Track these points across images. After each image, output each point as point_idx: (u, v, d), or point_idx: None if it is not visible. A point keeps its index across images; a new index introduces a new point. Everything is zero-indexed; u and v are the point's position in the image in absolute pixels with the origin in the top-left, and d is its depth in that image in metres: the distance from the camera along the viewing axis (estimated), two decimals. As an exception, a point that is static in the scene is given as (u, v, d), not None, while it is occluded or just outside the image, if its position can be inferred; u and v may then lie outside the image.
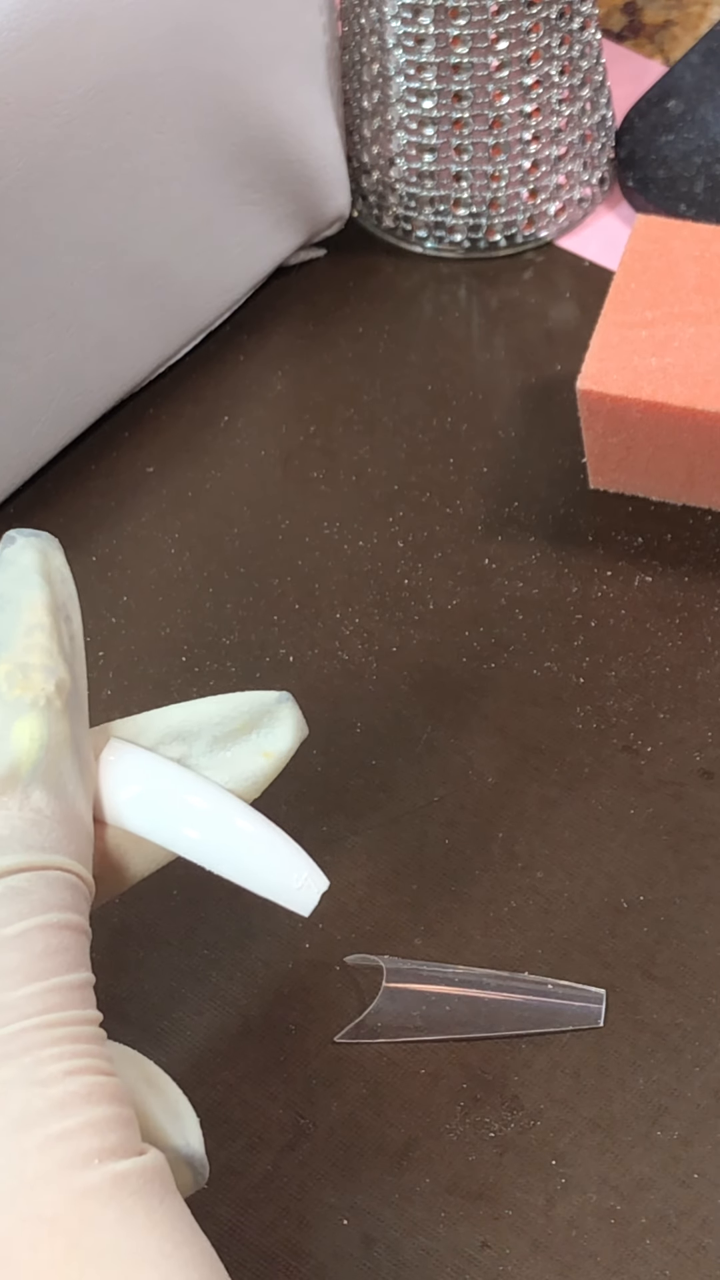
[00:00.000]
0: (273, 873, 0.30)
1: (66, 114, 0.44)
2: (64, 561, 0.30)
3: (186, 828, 0.30)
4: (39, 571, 0.29)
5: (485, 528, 0.49)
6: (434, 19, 0.50)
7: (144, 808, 0.30)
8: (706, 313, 0.47)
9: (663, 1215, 0.37)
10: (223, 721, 0.31)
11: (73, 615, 0.30)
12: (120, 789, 0.30)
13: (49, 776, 0.28)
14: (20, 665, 0.28)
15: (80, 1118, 0.25)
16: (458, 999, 0.40)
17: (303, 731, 0.32)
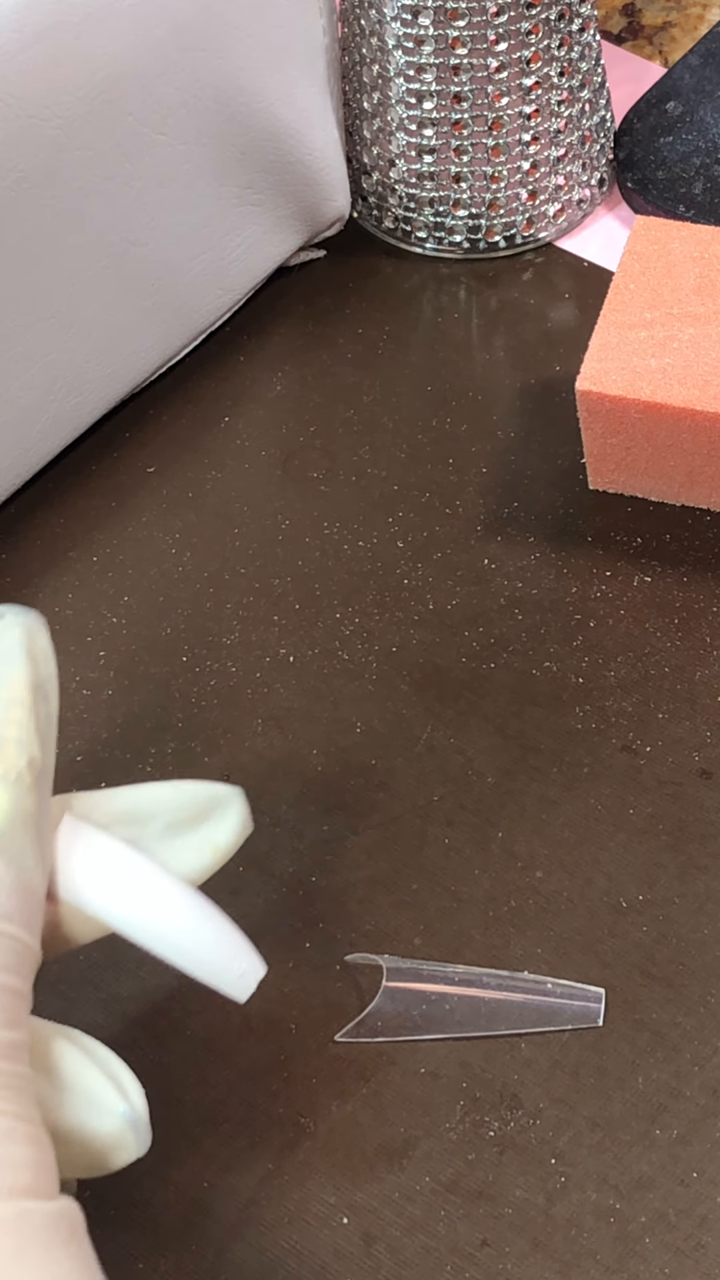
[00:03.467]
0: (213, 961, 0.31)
1: (67, 115, 0.44)
2: (48, 642, 0.31)
3: (132, 910, 0.31)
4: (23, 648, 0.30)
5: (485, 528, 0.49)
6: (434, 20, 0.50)
7: (93, 887, 0.31)
8: (705, 313, 0.47)
9: (662, 1214, 0.37)
10: (176, 809, 0.32)
11: (50, 696, 0.31)
12: (72, 866, 0.31)
13: (9, 848, 0.29)
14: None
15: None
16: (458, 998, 0.40)
17: (247, 828, 0.33)
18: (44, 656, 0.31)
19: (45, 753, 0.30)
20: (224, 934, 0.31)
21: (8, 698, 0.29)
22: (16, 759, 0.29)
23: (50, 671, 0.31)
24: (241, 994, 0.32)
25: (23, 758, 0.29)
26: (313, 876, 0.43)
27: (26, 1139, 0.26)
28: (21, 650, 0.30)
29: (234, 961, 0.31)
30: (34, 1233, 0.25)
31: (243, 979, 0.32)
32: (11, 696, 0.30)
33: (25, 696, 0.30)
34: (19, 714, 0.29)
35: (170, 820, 0.32)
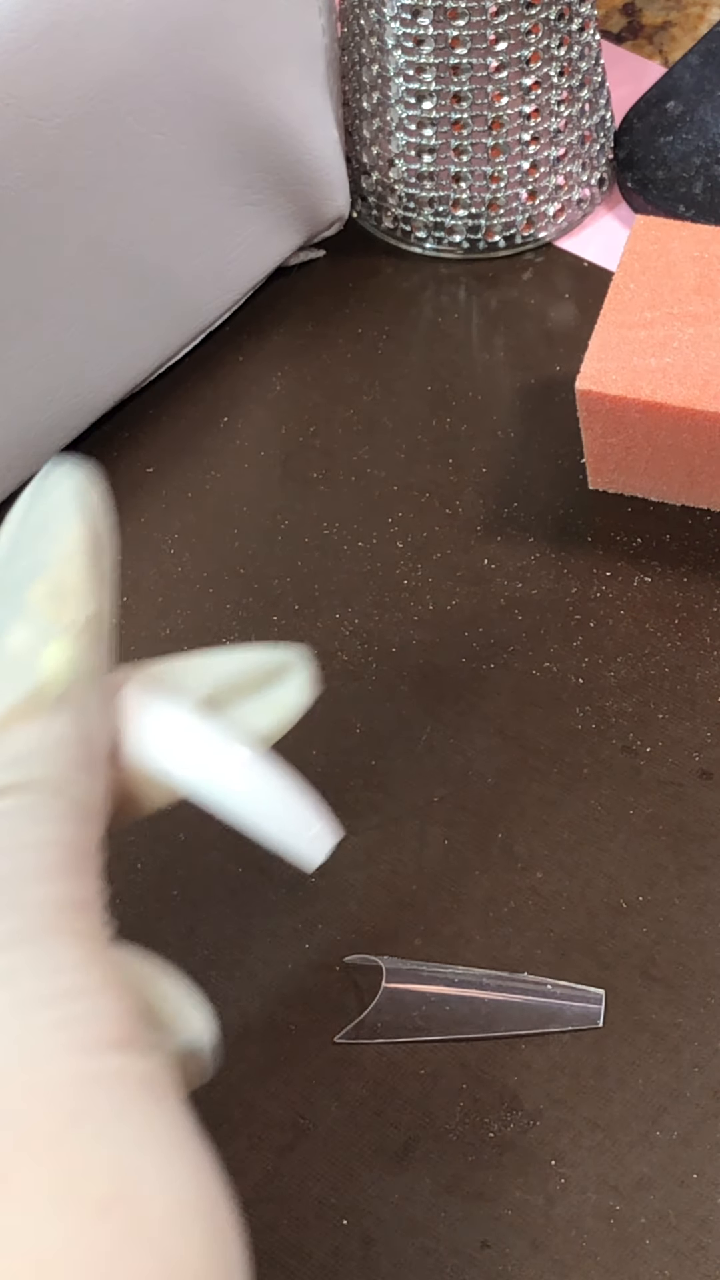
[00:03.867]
0: (283, 821, 0.30)
1: (67, 115, 0.44)
2: (102, 498, 0.30)
3: (202, 773, 0.30)
4: (77, 503, 0.29)
5: (485, 528, 0.49)
6: (433, 20, 0.50)
7: (161, 751, 0.30)
8: (705, 313, 0.47)
9: (662, 1215, 0.37)
10: (240, 673, 0.31)
11: (108, 549, 0.30)
12: (138, 730, 0.30)
13: (73, 702, 0.28)
14: (57, 591, 0.28)
15: (90, 1006, 0.25)
16: (457, 999, 0.40)
17: (315, 690, 0.32)
18: (99, 510, 0.30)
19: (106, 605, 0.29)
20: (297, 795, 0.30)
21: (65, 552, 0.29)
22: (79, 612, 0.28)
23: (107, 525, 0.30)
24: (316, 856, 0.30)
25: (84, 612, 0.28)
26: (312, 877, 0.43)
27: (117, 990, 0.26)
28: (75, 505, 0.29)
29: (309, 823, 0.30)
30: (136, 1086, 0.25)
31: (316, 841, 0.30)
32: (69, 551, 0.29)
33: (83, 551, 0.29)
34: (79, 567, 0.29)
35: (234, 685, 0.31)
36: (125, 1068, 0.25)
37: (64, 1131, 0.24)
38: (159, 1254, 0.23)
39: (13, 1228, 0.23)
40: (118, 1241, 0.23)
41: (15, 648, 0.28)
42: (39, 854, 0.26)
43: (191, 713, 0.30)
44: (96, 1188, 0.23)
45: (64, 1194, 0.23)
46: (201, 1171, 0.25)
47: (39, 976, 0.25)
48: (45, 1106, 0.24)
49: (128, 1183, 0.24)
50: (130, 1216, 0.23)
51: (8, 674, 0.27)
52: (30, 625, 0.28)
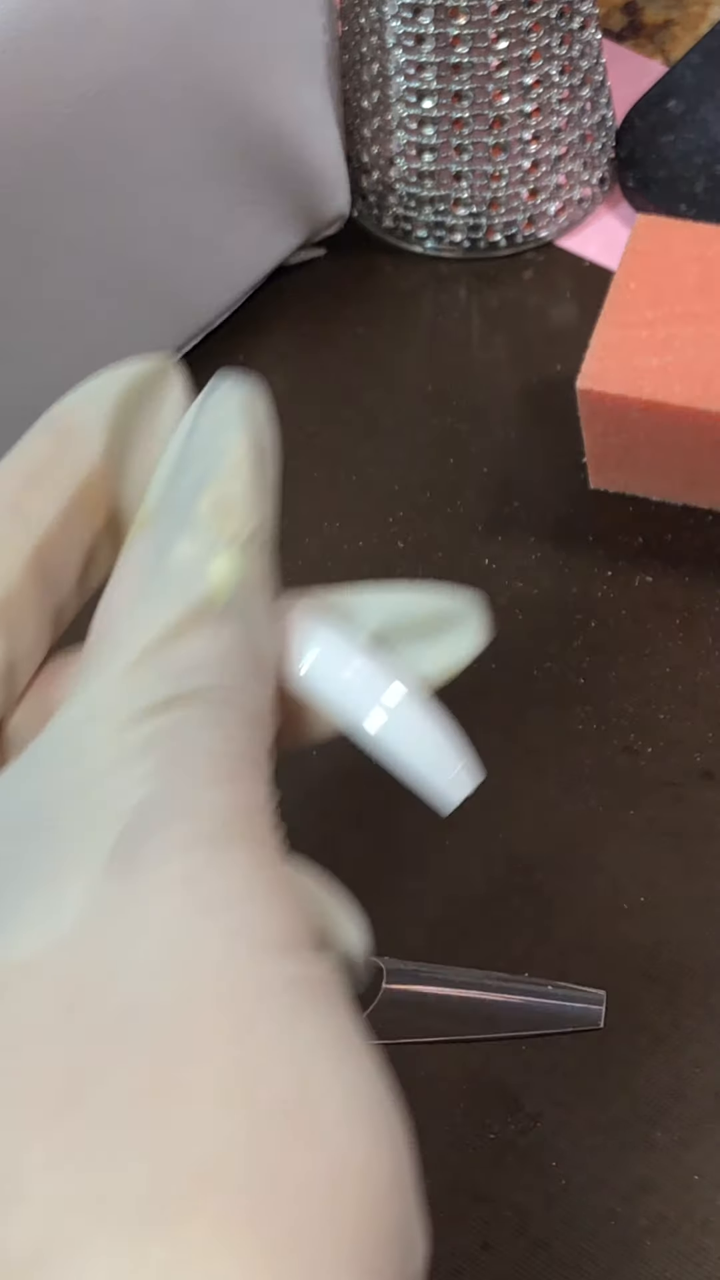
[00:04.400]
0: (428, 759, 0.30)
1: (67, 114, 0.44)
2: (268, 409, 0.30)
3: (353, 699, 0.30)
4: (244, 413, 0.29)
5: (485, 528, 0.49)
6: (434, 18, 0.50)
7: (320, 675, 0.30)
8: (707, 312, 0.47)
9: (663, 1217, 0.37)
10: (413, 613, 0.31)
11: (273, 461, 0.30)
12: (301, 652, 0.30)
13: (242, 613, 0.28)
14: (223, 503, 0.28)
15: (264, 908, 0.25)
16: (458, 1000, 0.40)
17: (488, 636, 0.31)
18: (265, 422, 0.30)
19: (272, 518, 0.29)
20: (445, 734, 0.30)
21: (232, 464, 0.29)
22: (243, 525, 0.28)
23: (272, 436, 0.30)
24: (456, 796, 0.30)
25: (250, 524, 0.28)
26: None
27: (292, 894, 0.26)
28: (243, 414, 0.29)
29: (452, 763, 0.30)
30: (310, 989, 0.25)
31: (456, 781, 0.31)
32: (235, 462, 0.29)
33: (251, 460, 0.29)
34: (247, 477, 0.29)
35: (406, 624, 0.31)
36: (300, 972, 0.25)
37: (238, 1031, 0.24)
38: (329, 1153, 0.23)
39: (183, 1132, 0.23)
40: (289, 1141, 0.23)
41: (182, 560, 0.28)
42: (212, 760, 0.26)
43: (356, 643, 0.30)
44: (269, 1089, 0.23)
45: (235, 1094, 0.23)
46: (372, 1076, 0.25)
47: (218, 879, 0.25)
48: (220, 1007, 0.24)
49: (299, 1084, 0.24)
50: (301, 1117, 0.23)
51: (176, 586, 0.27)
52: (197, 537, 0.28)
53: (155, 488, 0.29)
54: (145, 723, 0.26)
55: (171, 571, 0.28)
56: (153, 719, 0.26)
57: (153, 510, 0.29)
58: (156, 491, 0.29)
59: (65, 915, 0.24)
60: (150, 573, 0.28)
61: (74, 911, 0.24)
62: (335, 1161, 0.23)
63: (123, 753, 0.26)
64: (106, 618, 0.28)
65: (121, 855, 0.25)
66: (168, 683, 0.27)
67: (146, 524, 0.29)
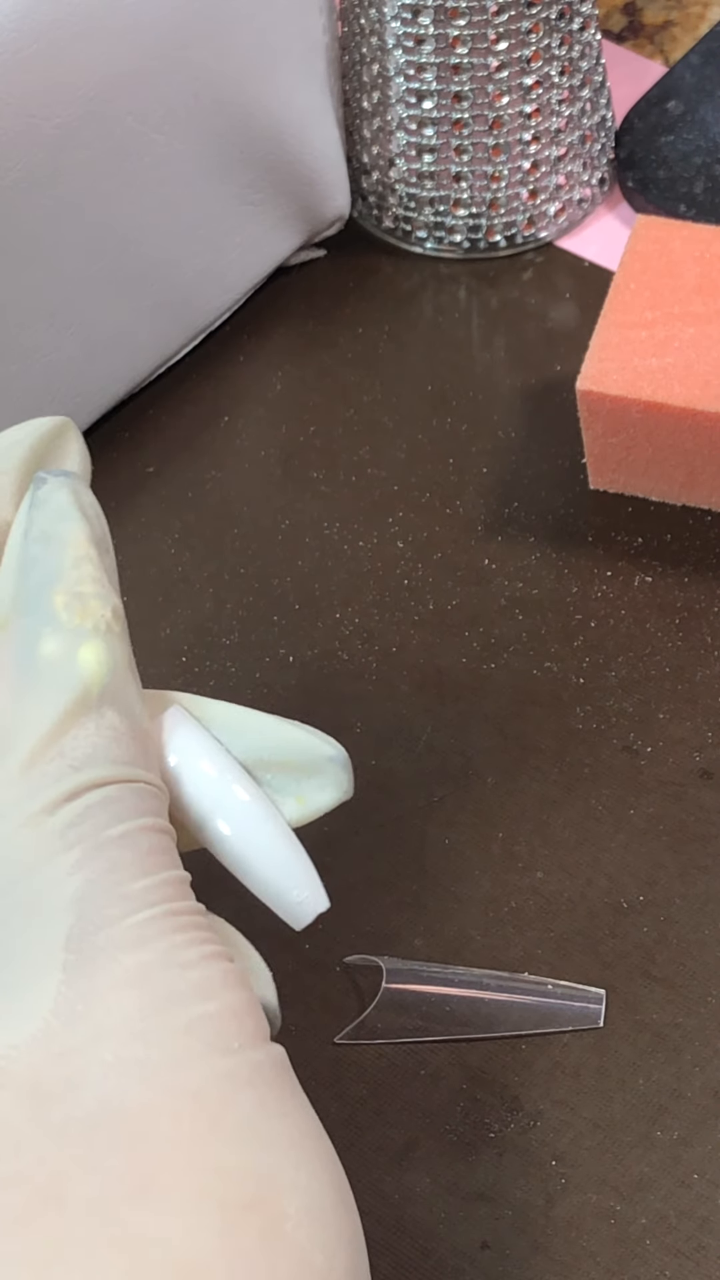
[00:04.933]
0: (279, 881, 0.31)
1: (67, 114, 0.44)
2: (94, 499, 0.31)
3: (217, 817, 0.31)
4: (75, 507, 0.30)
5: (485, 528, 0.49)
6: (434, 19, 0.50)
7: (185, 778, 0.30)
8: (706, 313, 0.47)
9: (663, 1215, 0.37)
10: (278, 749, 0.32)
11: (109, 549, 0.31)
12: (168, 755, 0.31)
13: (118, 696, 0.29)
14: (76, 595, 0.29)
15: (219, 1002, 0.26)
16: (458, 999, 0.40)
17: (346, 795, 0.32)
18: (95, 512, 0.31)
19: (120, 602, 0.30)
20: (296, 859, 0.31)
21: (75, 555, 0.29)
22: (101, 610, 0.29)
23: (104, 526, 0.31)
24: (299, 921, 0.32)
25: (106, 608, 0.29)
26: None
27: (239, 982, 0.26)
28: (74, 508, 0.30)
29: (296, 887, 0.31)
30: (266, 1083, 0.25)
31: (301, 906, 0.32)
32: (79, 554, 0.29)
33: (91, 552, 0.30)
34: (90, 569, 0.29)
35: (265, 757, 0.32)
36: (259, 1062, 0.26)
37: (207, 1132, 0.24)
38: (294, 1253, 0.24)
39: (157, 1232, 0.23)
40: (257, 1244, 0.24)
41: (51, 655, 0.28)
42: (129, 844, 0.27)
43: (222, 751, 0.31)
44: (239, 1190, 0.24)
45: (207, 1197, 0.24)
46: (330, 1165, 0.26)
47: (170, 974, 0.26)
48: (188, 1108, 0.25)
49: (267, 1183, 0.24)
50: (269, 1218, 0.24)
51: (51, 681, 0.28)
52: (59, 632, 0.29)
53: (3, 590, 0.29)
54: (55, 815, 0.27)
55: (42, 669, 0.28)
56: (61, 811, 0.27)
57: (6, 613, 0.29)
58: (6, 593, 0.29)
59: (30, 1020, 0.25)
60: (20, 673, 0.28)
61: (38, 1016, 0.25)
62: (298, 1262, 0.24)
63: (44, 846, 0.26)
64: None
65: (75, 956, 0.25)
66: (67, 775, 0.27)
67: (3, 628, 0.29)
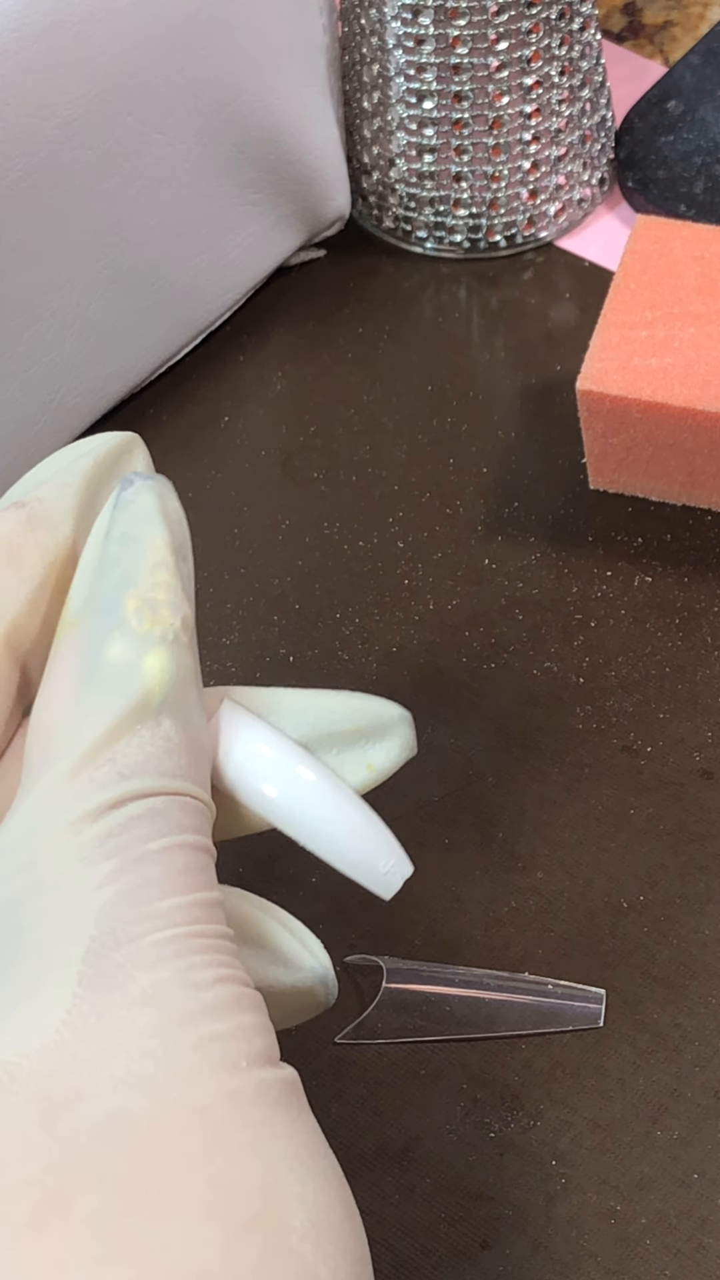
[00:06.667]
0: (362, 858, 0.31)
1: (67, 114, 0.44)
2: (179, 504, 0.31)
3: (286, 799, 0.31)
4: (159, 512, 0.30)
5: (485, 528, 0.49)
6: (434, 20, 0.50)
7: (247, 770, 0.30)
8: (706, 313, 0.47)
9: (663, 1215, 0.37)
10: (340, 720, 0.32)
11: (188, 556, 0.31)
12: (230, 750, 0.31)
13: (177, 707, 0.28)
14: (148, 601, 0.29)
15: (231, 1022, 0.26)
16: (458, 999, 0.40)
17: (412, 752, 0.32)
18: (178, 518, 0.30)
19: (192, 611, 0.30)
20: (378, 833, 0.31)
21: (153, 561, 0.29)
22: (171, 619, 0.29)
23: (185, 533, 0.31)
24: (387, 891, 0.32)
25: (176, 617, 0.29)
26: (312, 877, 0.42)
27: (252, 1005, 0.26)
28: (157, 513, 0.30)
29: (381, 858, 0.31)
30: (274, 1102, 0.25)
31: (389, 875, 0.31)
32: (156, 559, 0.29)
33: (168, 558, 0.29)
34: (166, 576, 0.29)
35: (330, 730, 0.31)
36: (267, 1081, 0.26)
37: (213, 1147, 0.24)
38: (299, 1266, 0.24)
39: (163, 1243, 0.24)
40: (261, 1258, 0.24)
41: (116, 660, 0.28)
42: (164, 860, 0.27)
43: (283, 738, 0.31)
44: (243, 1204, 0.24)
45: (212, 1210, 0.24)
46: (336, 1183, 0.26)
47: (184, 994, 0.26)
48: (195, 1123, 0.25)
49: (272, 1198, 0.24)
50: (273, 1231, 0.24)
51: (112, 686, 0.28)
52: (127, 636, 0.28)
53: (79, 588, 0.29)
54: (98, 823, 0.27)
55: (106, 672, 0.28)
56: (104, 819, 0.27)
57: (79, 611, 0.29)
58: (81, 592, 0.29)
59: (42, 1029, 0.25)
60: (85, 674, 0.28)
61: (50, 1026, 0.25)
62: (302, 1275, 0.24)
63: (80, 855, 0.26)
64: (46, 719, 0.28)
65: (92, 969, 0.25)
66: (114, 783, 0.27)
67: (75, 625, 0.29)
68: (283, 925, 0.31)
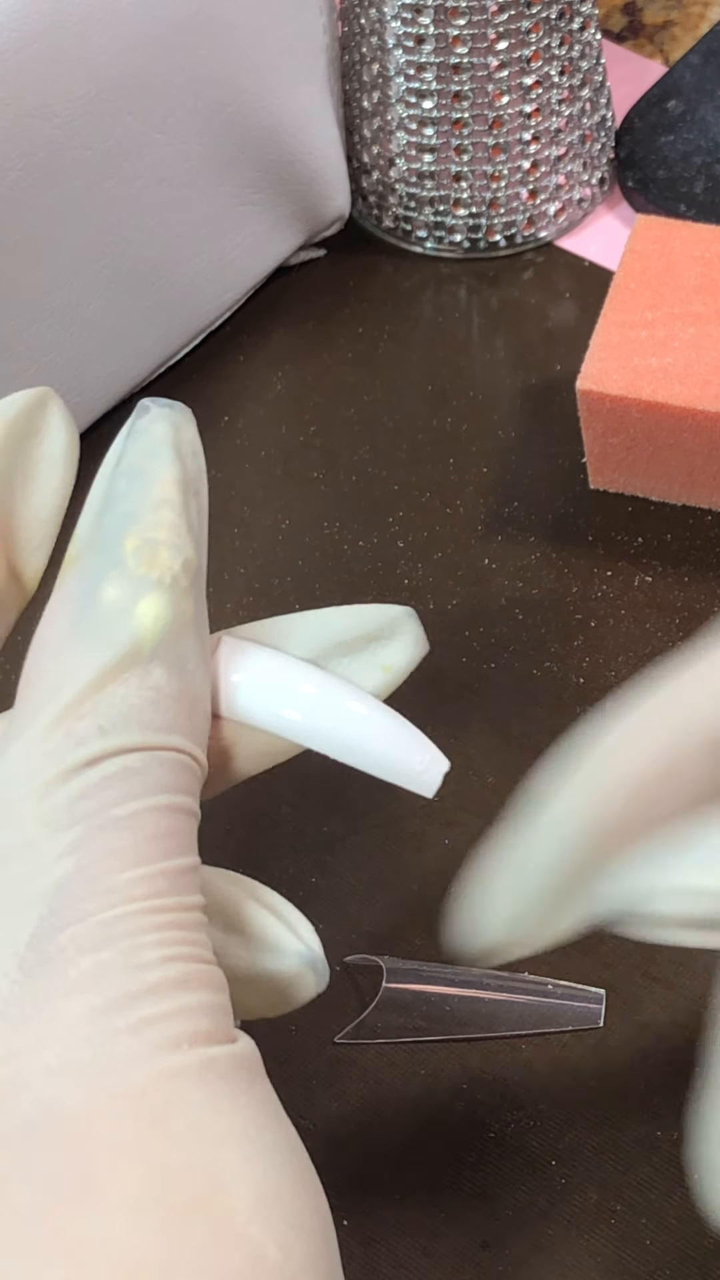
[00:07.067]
0: (393, 755, 0.30)
1: (67, 114, 0.44)
2: (196, 434, 0.29)
3: (295, 710, 0.29)
4: (170, 444, 0.29)
5: (485, 528, 0.49)
6: (434, 19, 0.50)
7: (255, 692, 0.29)
8: (706, 313, 0.47)
9: (663, 1215, 0.37)
10: (345, 630, 0.30)
11: (201, 491, 0.29)
12: (232, 675, 0.29)
13: (170, 655, 0.27)
14: (148, 541, 0.28)
15: (173, 1003, 0.25)
16: (458, 999, 0.40)
17: (424, 648, 0.31)
18: (192, 450, 0.29)
19: (199, 553, 0.28)
20: (398, 729, 0.30)
21: (157, 498, 0.28)
22: (170, 562, 0.27)
23: (200, 466, 0.29)
24: (428, 788, 0.31)
25: (177, 560, 0.28)
26: (312, 877, 0.42)
27: (202, 983, 0.25)
28: (168, 445, 0.28)
29: (415, 755, 0.30)
30: (220, 1079, 0.25)
31: (426, 773, 0.31)
32: (161, 496, 0.28)
33: (175, 495, 0.28)
34: (169, 515, 0.28)
35: (338, 641, 0.30)
36: (212, 1059, 0.25)
37: (148, 1133, 0.24)
38: (242, 1250, 0.23)
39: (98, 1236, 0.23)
40: (204, 1242, 0.23)
41: (108, 603, 0.27)
42: (131, 829, 0.26)
43: (289, 658, 0.30)
44: (182, 1189, 0.23)
45: (150, 1198, 0.23)
46: (289, 1158, 0.25)
47: (125, 975, 0.25)
48: (129, 1109, 0.24)
49: (214, 1180, 0.24)
50: (216, 1215, 0.23)
51: (103, 630, 0.27)
52: (123, 578, 0.27)
53: (85, 522, 0.28)
54: (68, 784, 0.25)
55: (98, 615, 0.27)
56: (74, 780, 0.25)
57: (82, 548, 0.28)
58: (86, 526, 0.28)
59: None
60: (77, 615, 0.27)
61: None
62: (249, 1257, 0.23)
63: (44, 821, 0.25)
64: (37, 661, 0.27)
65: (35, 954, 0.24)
66: (92, 738, 0.26)
67: (74, 562, 0.28)
68: (269, 908, 0.29)
